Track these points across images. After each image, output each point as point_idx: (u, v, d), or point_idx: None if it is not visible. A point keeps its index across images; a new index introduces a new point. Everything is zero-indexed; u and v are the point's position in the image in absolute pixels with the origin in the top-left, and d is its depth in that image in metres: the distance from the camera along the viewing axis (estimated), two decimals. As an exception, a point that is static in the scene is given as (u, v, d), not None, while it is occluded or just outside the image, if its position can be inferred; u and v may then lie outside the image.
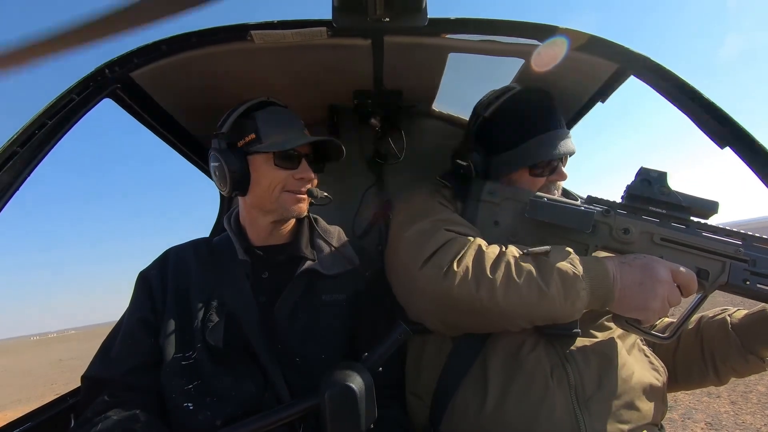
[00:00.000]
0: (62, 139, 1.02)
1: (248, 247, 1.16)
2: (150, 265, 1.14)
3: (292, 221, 1.24)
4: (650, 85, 1.13)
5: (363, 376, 0.59)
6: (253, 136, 1.10)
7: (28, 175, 0.96)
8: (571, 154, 1.17)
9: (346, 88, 1.51)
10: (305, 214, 1.18)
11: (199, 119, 1.48)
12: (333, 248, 1.21)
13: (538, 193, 1.09)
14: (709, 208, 0.97)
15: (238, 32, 1.10)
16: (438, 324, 0.97)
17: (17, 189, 0.94)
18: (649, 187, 1.00)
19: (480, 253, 0.94)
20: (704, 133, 1.10)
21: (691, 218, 0.99)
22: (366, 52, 1.24)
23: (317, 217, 1.31)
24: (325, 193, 1.17)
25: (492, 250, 0.95)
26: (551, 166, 1.16)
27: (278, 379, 0.99)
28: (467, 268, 0.91)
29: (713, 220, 1.00)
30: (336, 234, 1.29)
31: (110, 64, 1.08)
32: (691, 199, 0.98)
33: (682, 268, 0.92)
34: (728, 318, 1.08)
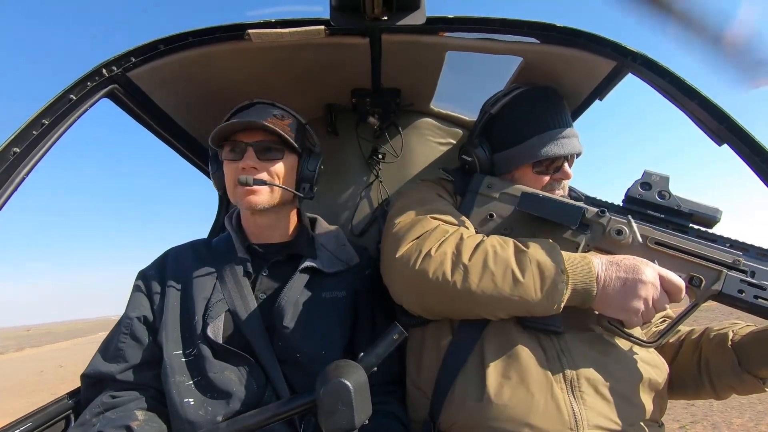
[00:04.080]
0: (61, 139, 1.02)
1: (248, 246, 1.17)
2: (149, 264, 1.16)
3: (292, 219, 1.25)
4: (648, 83, 1.13)
5: (357, 373, 0.60)
6: None
7: (27, 174, 0.96)
8: (578, 154, 1.17)
9: (344, 86, 1.51)
10: (262, 205, 1.11)
11: (197, 118, 1.49)
12: (333, 246, 1.22)
13: (533, 189, 1.10)
14: (711, 216, 0.95)
15: (236, 31, 1.10)
16: (416, 307, 1.00)
17: (16, 189, 0.94)
18: (649, 190, 1.00)
19: (460, 241, 0.96)
20: (702, 130, 1.10)
21: (691, 226, 0.98)
22: (364, 51, 1.24)
23: (317, 216, 1.31)
24: (266, 180, 1.09)
25: (473, 239, 0.97)
26: (555, 164, 1.15)
27: (278, 375, 0.99)
28: (444, 253, 0.93)
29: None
30: (336, 233, 1.29)
31: (107, 64, 1.09)
32: (693, 206, 0.96)
33: (670, 273, 0.91)
34: (731, 333, 1.04)
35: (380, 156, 1.70)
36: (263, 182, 1.09)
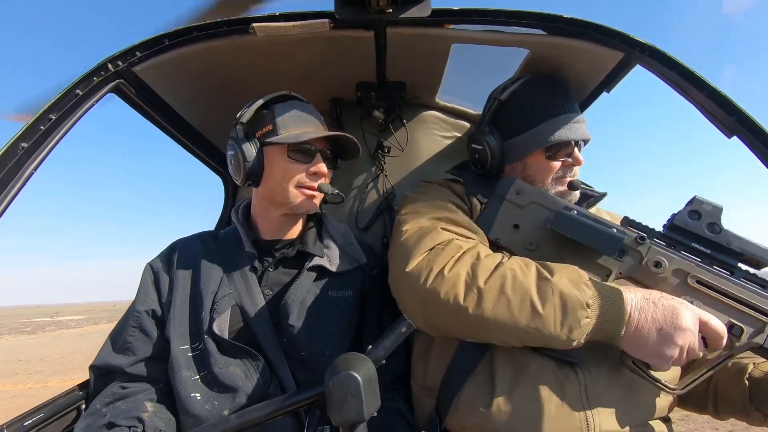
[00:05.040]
0: (68, 134, 1.03)
1: (256, 240, 1.16)
2: (157, 256, 1.16)
3: (304, 217, 1.24)
4: (656, 74, 1.12)
5: (366, 365, 0.61)
6: (270, 127, 1.10)
7: (36, 169, 0.97)
8: (586, 140, 1.16)
9: (348, 80, 1.50)
10: (316, 210, 1.18)
11: (202, 112, 1.49)
12: (341, 245, 1.21)
13: (568, 204, 0.98)
14: (765, 258, 0.84)
15: (240, 25, 1.10)
16: (423, 325, 0.92)
17: (25, 183, 0.95)
18: (697, 221, 0.88)
19: (476, 261, 0.89)
20: (711, 122, 1.09)
21: (740, 265, 0.87)
22: (368, 44, 1.24)
23: (326, 213, 1.31)
24: (337, 191, 1.16)
25: (491, 260, 0.89)
26: (567, 150, 1.14)
27: (284, 371, 1.00)
28: (458, 274, 0.86)
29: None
30: (344, 231, 1.29)
31: (113, 59, 1.09)
32: (745, 244, 0.85)
33: (713, 319, 0.82)
34: (750, 366, 0.99)
35: (385, 150, 1.69)
36: (339, 193, 1.17)
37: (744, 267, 0.87)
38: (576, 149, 1.14)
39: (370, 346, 0.67)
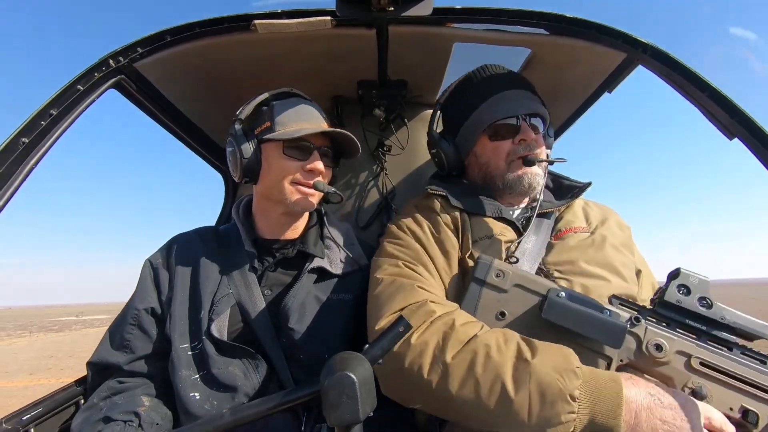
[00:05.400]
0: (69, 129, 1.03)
1: (255, 239, 1.15)
2: (156, 252, 1.15)
3: (305, 216, 1.22)
4: (658, 75, 1.11)
5: (363, 365, 0.60)
6: (268, 124, 1.09)
7: (36, 164, 0.97)
8: (530, 113, 1.10)
9: (350, 78, 1.50)
10: (313, 208, 1.16)
11: (203, 109, 1.49)
12: (342, 247, 1.20)
13: (555, 287, 0.87)
14: (758, 331, 0.78)
15: (242, 22, 1.10)
16: (388, 392, 0.85)
17: (26, 178, 0.95)
18: (688, 295, 0.80)
19: (449, 330, 0.80)
20: (712, 123, 1.08)
21: (735, 341, 0.80)
22: (370, 42, 1.23)
23: (328, 212, 1.29)
24: (334, 189, 1.13)
25: (465, 330, 0.80)
26: (511, 127, 1.10)
27: (284, 371, 1.00)
28: (426, 343, 0.79)
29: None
30: (345, 231, 1.27)
31: (114, 55, 1.09)
32: (737, 317, 0.79)
33: (721, 417, 0.72)
34: None
35: (386, 148, 1.70)
36: (336, 192, 1.13)
37: (740, 343, 0.80)
38: (524, 123, 1.09)
39: (367, 346, 0.67)
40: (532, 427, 0.70)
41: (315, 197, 1.13)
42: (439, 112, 1.28)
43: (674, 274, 0.82)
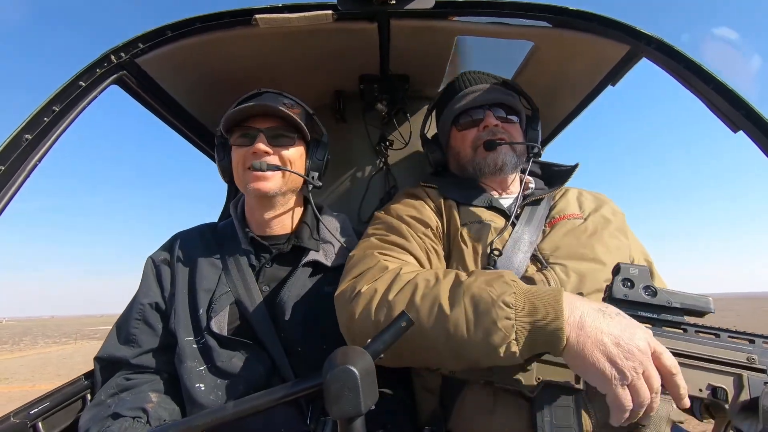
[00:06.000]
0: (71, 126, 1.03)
1: (252, 237, 1.16)
2: (158, 249, 1.17)
3: (293, 210, 1.22)
4: (662, 68, 1.10)
5: (364, 359, 0.61)
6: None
7: (40, 160, 0.97)
8: (494, 103, 1.18)
9: (352, 72, 1.50)
10: (272, 191, 1.11)
11: (205, 104, 1.49)
12: (336, 239, 1.20)
13: None
14: (704, 306, 0.78)
15: (243, 16, 1.10)
16: (348, 339, 0.88)
17: (29, 174, 0.96)
18: (633, 288, 0.81)
19: (396, 276, 0.84)
20: (717, 116, 1.07)
21: (686, 320, 0.81)
22: (372, 36, 1.23)
23: (322, 205, 1.29)
24: (275, 165, 1.08)
25: (410, 273, 0.85)
26: (475, 117, 1.19)
27: (284, 363, 1.01)
28: (375, 290, 0.82)
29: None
30: (341, 224, 1.27)
31: (116, 50, 1.09)
32: (682, 298, 0.79)
33: (666, 354, 0.69)
34: None
35: (388, 143, 1.69)
36: (277, 167, 1.08)
37: (692, 323, 0.80)
38: (488, 112, 1.18)
39: (369, 340, 0.67)
40: (475, 344, 0.70)
41: (268, 180, 1.09)
42: (432, 114, 1.40)
43: (616, 270, 0.82)
